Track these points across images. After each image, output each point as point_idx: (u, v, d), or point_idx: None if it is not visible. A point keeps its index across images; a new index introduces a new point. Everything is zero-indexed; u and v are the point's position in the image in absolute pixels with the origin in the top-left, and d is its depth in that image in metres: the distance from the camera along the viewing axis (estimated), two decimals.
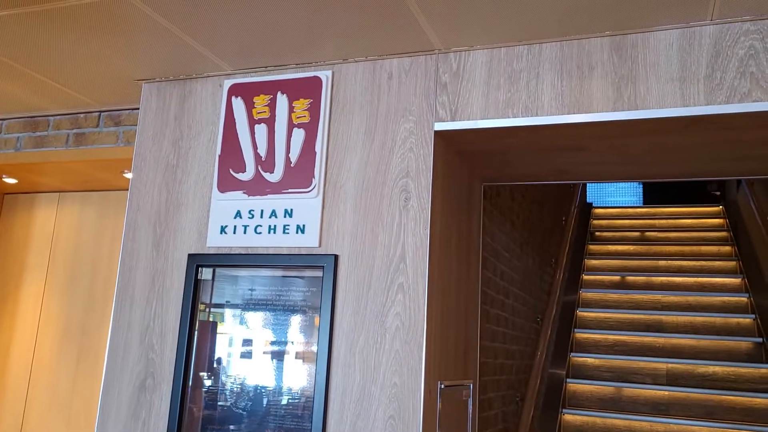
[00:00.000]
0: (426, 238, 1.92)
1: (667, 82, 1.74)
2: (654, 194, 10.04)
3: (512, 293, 4.16)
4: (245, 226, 2.08)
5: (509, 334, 4.02)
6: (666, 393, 4.91)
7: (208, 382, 2.04)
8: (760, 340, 5.13)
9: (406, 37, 1.95)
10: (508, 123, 1.91)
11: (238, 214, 2.10)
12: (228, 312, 2.07)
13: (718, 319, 5.56)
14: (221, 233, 2.11)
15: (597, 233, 7.66)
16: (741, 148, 1.96)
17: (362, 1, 1.76)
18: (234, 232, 2.09)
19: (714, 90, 1.69)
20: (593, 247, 7.32)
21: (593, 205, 8.95)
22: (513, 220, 4.28)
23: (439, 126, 1.99)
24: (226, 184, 2.14)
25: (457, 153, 2.20)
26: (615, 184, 11.08)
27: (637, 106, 1.75)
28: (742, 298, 5.73)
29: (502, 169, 2.39)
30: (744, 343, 5.21)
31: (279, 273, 2.03)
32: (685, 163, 2.15)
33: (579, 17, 1.74)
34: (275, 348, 2.00)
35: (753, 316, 5.40)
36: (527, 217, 4.77)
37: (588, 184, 10.11)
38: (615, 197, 10.80)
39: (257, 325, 2.03)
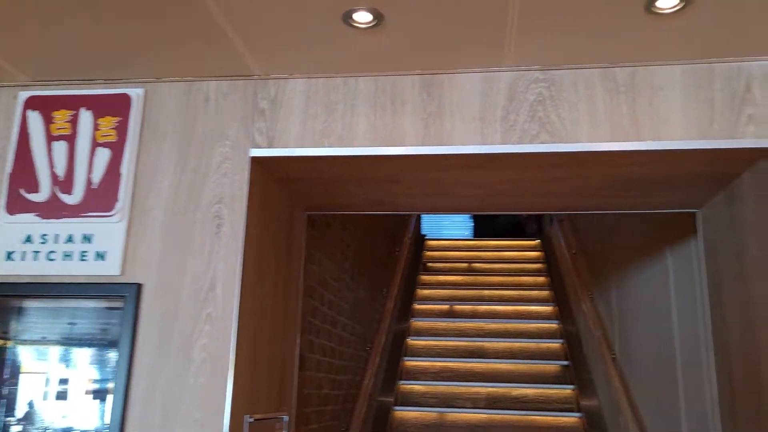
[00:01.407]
0: (238, 266, 1.87)
1: (470, 121, 1.85)
2: (483, 228, 10.64)
3: (340, 323, 4.18)
4: (36, 252, 1.90)
5: (335, 363, 4.02)
6: (485, 416, 5.16)
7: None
8: (566, 363, 5.58)
9: (223, 60, 1.91)
10: (323, 152, 1.92)
11: (29, 239, 1.92)
12: (23, 347, 1.86)
13: (532, 344, 5.98)
14: (8, 260, 1.91)
15: (429, 264, 7.97)
16: (539, 185, 2.13)
17: (177, 21, 1.70)
18: (23, 259, 1.90)
19: (508, 130, 1.83)
20: (425, 277, 7.59)
21: (426, 237, 9.32)
22: (343, 250, 4.32)
23: (256, 152, 1.96)
24: (16, 205, 1.95)
25: (275, 181, 2.18)
26: (449, 217, 11.66)
27: (443, 142, 1.84)
28: (553, 325, 6.21)
29: (324, 198, 2.41)
30: (553, 366, 5.64)
31: (75, 304, 1.87)
32: (493, 197, 2.30)
33: (392, 55, 1.81)
34: (65, 387, 1.83)
35: (561, 341, 5.87)
36: (359, 247, 4.85)
37: (423, 217, 10.54)
38: (449, 230, 11.34)
39: (52, 360, 1.85)
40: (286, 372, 2.28)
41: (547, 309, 6.59)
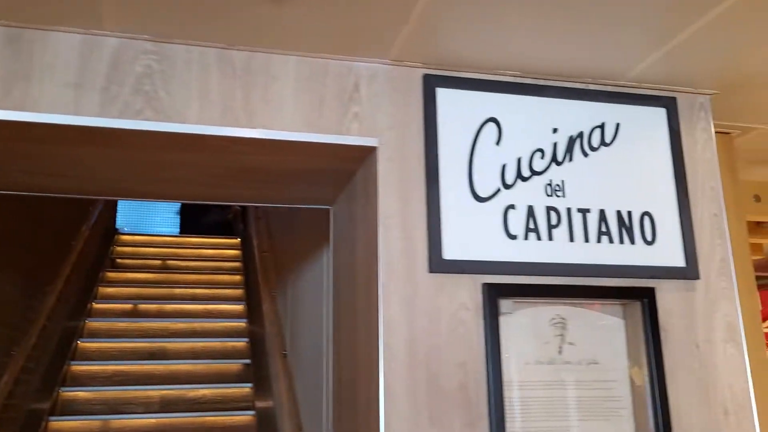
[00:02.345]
0: None
1: (63, 87, 1.62)
2: (191, 225, 10.21)
3: None
4: None
5: None
6: (154, 420, 4.86)
7: None
8: (248, 361, 5.53)
9: None
10: None
11: None
12: None
13: (217, 343, 5.83)
14: None
15: (118, 260, 7.36)
16: (163, 170, 1.98)
17: None
18: None
19: (109, 103, 1.65)
20: (112, 275, 6.98)
21: (120, 231, 8.62)
22: None
23: None
24: None
25: None
26: (155, 212, 10.98)
27: (26, 108, 1.59)
28: (242, 324, 6.14)
29: None
30: (235, 365, 5.56)
31: None
32: (114, 182, 2.09)
33: None
34: None
35: (246, 339, 5.82)
36: (4, 235, 4.21)
37: (122, 210, 9.76)
38: (153, 226, 10.65)
39: None
40: None
41: (237, 308, 6.50)
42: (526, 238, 1.85)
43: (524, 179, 1.89)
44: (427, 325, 1.73)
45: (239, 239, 8.10)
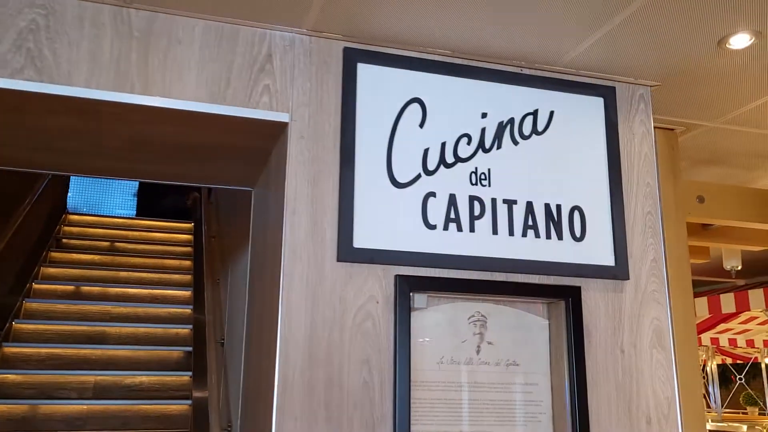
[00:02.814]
0: None
1: None
2: (148, 208, 9.95)
3: None
4: None
5: None
6: (86, 407, 4.66)
7: None
8: (190, 349, 5.35)
9: None
10: None
11: None
12: None
13: (159, 329, 5.63)
14: None
15: (65, 240, 7.10)
16: (45, 136, 1.80)
17: None
18: None
19: None
20: (56, 255, 6.73)
21: (70, 211, 8.35)
22: None
23: None
24: None
25: None
26: (111, 193, 10.68)
27: None
28: (186, 310, 5.95)
29: None
30: (176, 353, 5.37)
31: None
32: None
33: None
34: None
35: (190, 326, 5.64)
36: None
37: (74, 190, 9.46)
38: (111, 208, 10.35)
39: None
40: None
41: (184, 294, 6.30)
42: (446, 228, 1.73)
43: (448, 166, 1.77)
44: (332, 317, 1.60)
45: (192, 224, 7.88)
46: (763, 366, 8.12)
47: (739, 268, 3.71)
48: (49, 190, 7.09)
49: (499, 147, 1.82)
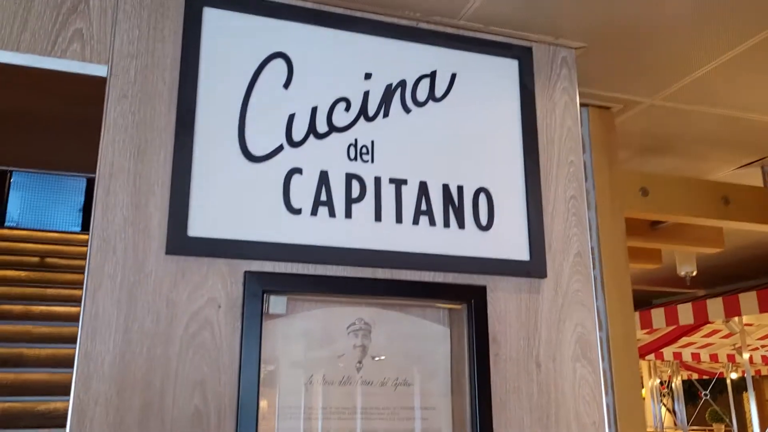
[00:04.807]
0: None
1: None
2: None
3: None
4: None
5: None
6: None
7: None
8: None
9: None
10: None
11: None
12: None
13: None
14: None
15: None
16: None
17: None
18: None
19: None
20: None
21: (1, 225, 7.85)
22: None
23: None
24: None
25: None
26: (56, 207, 10.13)
27: None
28: None
29: None
30: None
31: None
32: None
33: None
34: None
35: None
36: None
37: (14, 203, 8.94)
38: (55, 223, 9.79)
39: None
40: None
41: None
42: (314, 213, 1.37)
43: (319, 136, 1.42)
44: (154, 327, 1.22)
45: None
46: (728, 381, 7.88)
47: (694, 273, 3.41)
48: None
49: (386, 115, 1.48)
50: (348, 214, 1.39)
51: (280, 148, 1.38)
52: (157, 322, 1.23)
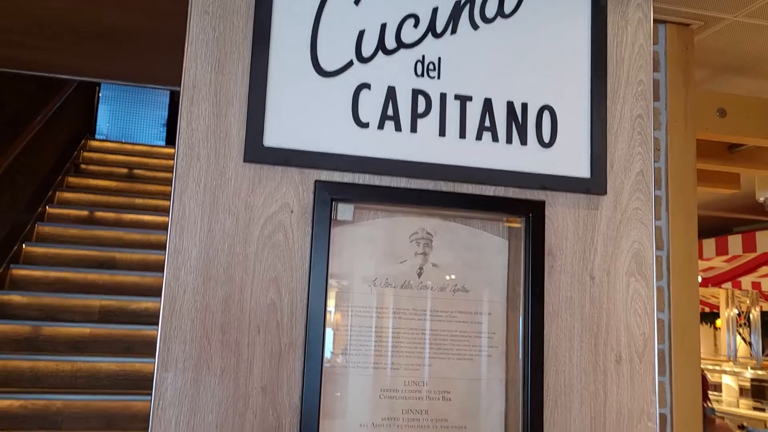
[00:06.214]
0: None
1: None
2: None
3: None
4: None
5: None
6: (89, 330, 4.64)
7: None
8: None
9: None
10: None
11: None
12: None
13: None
14: None
15: (83, 166, 7.06)
16: None
17: None
18: None
19: None
20: (73, 180, 6.70)
21: (94, 137, 8.32)
22: None
23: None
24: None
25: None
26: (141, 121, 10.59)
27: None
28: None
29: None
30: None
31: None
32: None
33: None
34: None
35: None
36: None
37: (103, 117, 9.41)
38: (141, 137, 10.25)
39: None
40: None
41: None
42: (381, 127, 1.44)
43: (388, 52, 1.47)
44: (234, 227, 1.35)
45: None
46: None
47: None
48: (69, 115, 6.99)
49: (453, 31, 1.50)
50: (413, 128, 1.46)
51: (350, 63, 1.45)
52: (237, 223, 1.35)
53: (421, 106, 1.46)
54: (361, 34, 1.46)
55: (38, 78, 5.57)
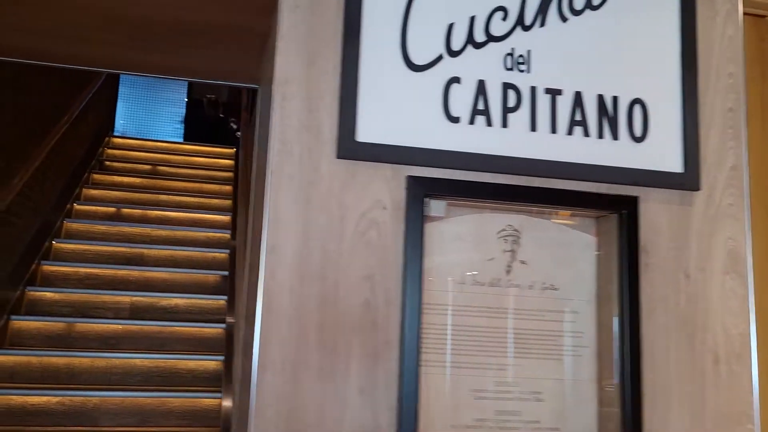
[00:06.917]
0: None
1: None
2: (194, 132, 9.86)
3: None
4: None
5: None
6: (120, 327, 4.63)
7: None
8: (227, 273, 5.25)
9: None
10: None
11: None
12: None
13: (198, 253, 5.55)
14: None
15: (108, 163, 7.06)
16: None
17: None
18: None
19: None
20: (98, 177, 6.70)
21: (113, 134, 8.31)
22: None
23: None
24: None
25: None
26: (157, 118, 10.59)
27: None
28: (225, 235, 5.85)
29: None
30: (213, 277, 5.29)
31: None
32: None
33: None
34: None
35: (227, 251, 5.53)
36: None
37: (122, 115, 9.41)
38: (158, 134, 10.26)
39: None
40: None
41: (224, 218, 6.19)
42: (471, 122, 1.41)
43: (477, 45, 1.43)
44: (327, 225, 1.32)
45: (234, 149, 7.73)
46: None
47: None
48: (94, 111, 6.99)
49: (542, 24, 1.47)
50: (504, 123, 1.42)
51: (440, 57, 1.41)
52: (330, 221, 1.32)
53: (512, 100, 1.43)
54: (450, 27, 1.42)
55: (67, 74, 5.57)
